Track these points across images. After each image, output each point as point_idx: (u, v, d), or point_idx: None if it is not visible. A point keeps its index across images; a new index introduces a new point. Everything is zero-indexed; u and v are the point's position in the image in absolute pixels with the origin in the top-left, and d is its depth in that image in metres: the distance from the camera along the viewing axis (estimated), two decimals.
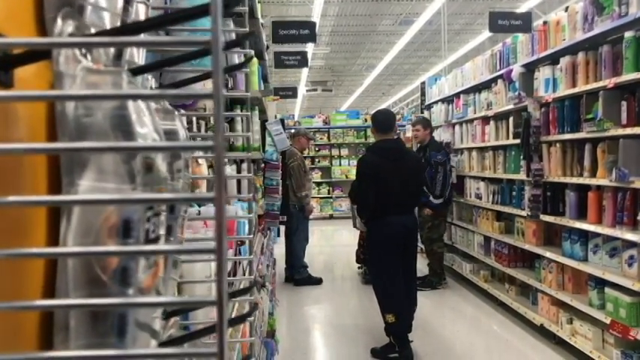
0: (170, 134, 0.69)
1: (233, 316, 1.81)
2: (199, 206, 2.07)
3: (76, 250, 0.43)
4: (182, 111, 1.16)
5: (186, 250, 0.44)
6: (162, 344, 0.61)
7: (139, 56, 0.75)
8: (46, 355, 0.42)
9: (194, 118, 2.05)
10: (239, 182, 3.71)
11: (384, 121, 4.69)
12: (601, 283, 4.01)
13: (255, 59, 4.08)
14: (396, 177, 4.41)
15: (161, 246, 0.43)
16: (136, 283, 0.53)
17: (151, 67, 0.63)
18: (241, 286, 2.02)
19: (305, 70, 15.94)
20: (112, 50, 0.63)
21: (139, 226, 0.52)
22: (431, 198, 6.33)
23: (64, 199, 0.46)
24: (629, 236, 3.61)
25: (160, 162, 0.56)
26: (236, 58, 3.41)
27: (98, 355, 0.41)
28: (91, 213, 0.50)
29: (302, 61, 6.26)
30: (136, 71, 0.61)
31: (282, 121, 4.91)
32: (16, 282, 0.51)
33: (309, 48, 10.92)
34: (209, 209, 2.24)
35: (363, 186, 4.52)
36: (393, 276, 4.43)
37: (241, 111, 4.48)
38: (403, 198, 4.46)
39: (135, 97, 0.49)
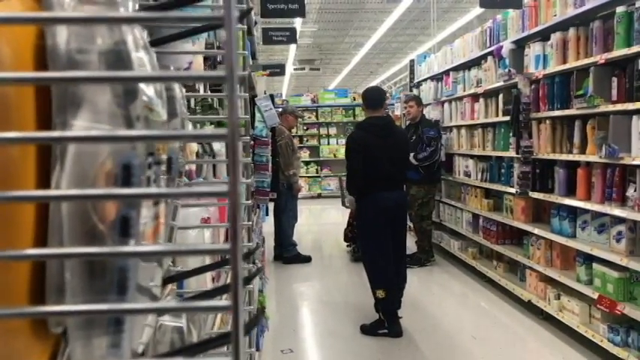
0: (167, 90, 0.65)
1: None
2: (189, 179, 2.03)
3: (75, 193, 0.39)
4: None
5: (196, 192, 0.40)
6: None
7: (129, 7, 0.70)
8: (45, 310, 0.38)
9: (184, 90, 2.00)
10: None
11: (373, 97, 4.68)
12: (589, 259, 4.04)
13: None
14: (385, 153, 4.40)
15: (169, 189, 0.39)
16: (137, 235, 0.49)
17: (156, 8, 0.59)
18: None
19: (293, 49, 15.78)
20: None
21: (140, 173, 0.48)
22: (411, 157, 5.79)
23: (60, 135, 0.42)
24: (618, 212, 3.63)
25: (160, 109, 0.53)
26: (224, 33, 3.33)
27: (104, 309, 0.37)
28: (87, 157, 0.46)
29: (291, 37, 6.17)
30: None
31: (271, 97, 4.86)
32: (4, 236, 0.47)
33: (298, 24, 10.79)
34: (198, 182, 2.20)
35: (351, 162, 4.51)
36: (383, 252, 4.43)
37: None
38: (392, 173, 4.45)
39: (138, 20, 0.45)
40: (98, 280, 0.48)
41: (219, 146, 3.54)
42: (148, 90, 0.51)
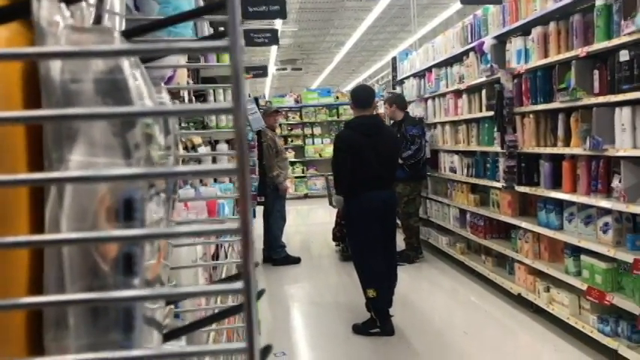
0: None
1: (217, 305, 1.77)
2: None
3: (77, 237, 0.37)
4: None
5: (208, 231, 0.39)
6: (164, 337, 0.56)
7: (117, 25, 0.68)
8: None
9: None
10: (214, 161, 3.64)
11: (361, 96, 4.68)
12: (577, 251, 4.08)
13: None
14: (373, 152, 4.40)
15: (183, 227, 0.38)
16: (141, 271, 0.47)
17: (147, 27, 0.57)
18: (224, 271, 1.97)
19: (274, 49, 15.72)
20: (91, 17, 0.57)
21: (143, 207, 0.47)
22: None
23: (60, 175, 0.40)
24: (604, 203, 3.67)
25: (158, 134, 0.51)
26: (206, 30, 3.32)
27: (107, 357, 0.35)
28: (85, 193, 0.45)
29: (272, 38, 6.13)
30: (130, 33, 0.55)
31: (256, 99, 4.83)
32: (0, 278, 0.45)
33: (278, 25, 10.74)
34: (188, 192, 2.18)
35: (339, 161, 4.50)
36: (373, 251, 4.43)
37: (213, 92, 4.39)
38: (380, 173, 4.45)
39: (133, 53, 0.43)
40: (102, 319, 0.46)
41: (204, 151, 3.51)
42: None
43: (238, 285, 0.34)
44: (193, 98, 2.65)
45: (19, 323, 0.48)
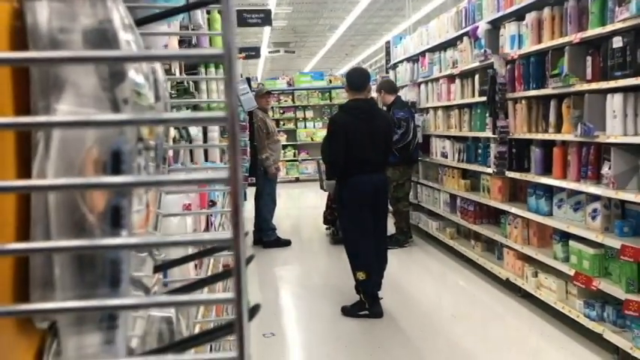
0: (152, 73, 0.62)
1: (209, 274, 1.77)
2: (167, 166, 1.99)
3: (71, 182, 0.36)
4: None
5: (198, 179, 0.38)
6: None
7: None
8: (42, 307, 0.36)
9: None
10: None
11: (356, 79, 4.67)
12: (565, 237, 4.11)
13: (218, 16, 3.94)
14: (366, 136, 4.39)
15: (170, 176, 0.37)
16: (129, 225, 0.47)
17: None
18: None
19: (267, 31, 15.63)
20: None
21: (130, 160, 0.46)
22: None
23: (47, 120, 0.39)
24: (593, 190, 3.69)
25: (148, 92, 0.50)
26: (199, 16, 3.29)
27: (106, 305, 0.35)
28: (72, 144, 0.44)
29: (265, 19, 6.08)
30: None
31: (248, 80, 4.79)
32: None
33: (272, 6, 10.66)
34: (177, 169, 2.17)
35: (333, 144, 4.49)
36: (363, 234, 4.45)
37: (205, 71, 4.35)
38: (373, 157, 4.45)
39: None
40: (89, 272, 0.45)
41: (195, 131, 3.48)
42: (135, 72, 0.48)
43: (227, 234, 0.34)
44: (184, 74, 2.63)
45: (4, 285, 0.48)
